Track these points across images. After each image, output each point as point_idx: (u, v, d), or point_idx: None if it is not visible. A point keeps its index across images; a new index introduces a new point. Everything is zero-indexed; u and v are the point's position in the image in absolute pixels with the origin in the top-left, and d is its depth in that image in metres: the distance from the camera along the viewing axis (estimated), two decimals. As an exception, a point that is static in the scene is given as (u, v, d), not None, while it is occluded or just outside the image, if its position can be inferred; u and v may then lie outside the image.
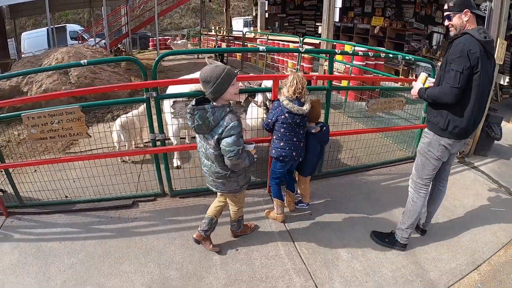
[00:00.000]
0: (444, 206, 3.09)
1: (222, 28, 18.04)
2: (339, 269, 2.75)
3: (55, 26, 16.46)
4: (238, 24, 22.21)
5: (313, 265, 2.78)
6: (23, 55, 14.21)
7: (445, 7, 2.47)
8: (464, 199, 3.77)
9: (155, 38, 17.23)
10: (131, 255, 2.91)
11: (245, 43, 11.74)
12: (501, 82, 7.54)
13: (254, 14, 19.24)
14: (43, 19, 20.32)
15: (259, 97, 3.59)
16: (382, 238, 3.01)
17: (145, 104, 3.40)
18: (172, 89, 3.96)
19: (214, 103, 2.25)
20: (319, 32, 8.50)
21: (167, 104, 3.65)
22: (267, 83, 3.87)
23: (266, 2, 14.85)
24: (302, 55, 8.30)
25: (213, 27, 19.44)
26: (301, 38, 8.35)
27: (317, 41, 8.55)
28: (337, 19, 8.21)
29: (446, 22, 2.49)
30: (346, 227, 3.24)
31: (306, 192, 3.39)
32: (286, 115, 2.86)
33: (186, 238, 3.00)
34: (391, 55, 5.12)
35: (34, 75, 7.42)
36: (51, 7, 12.64)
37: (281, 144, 2.96)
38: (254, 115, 3.66)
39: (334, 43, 8.11)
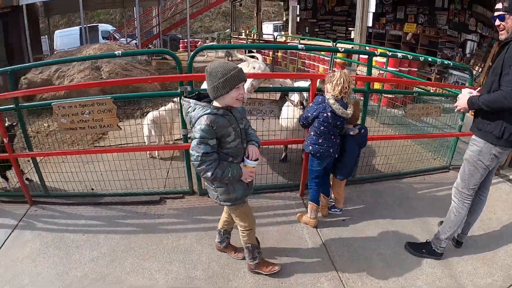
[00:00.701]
0: (479, 218, 2.90)
1: (252, 32, 18.02)
2: (372, 279, 2.56)
3: (88, 25, 16.87)
4: (268, 29, 22.19)
5: (345, 273, 2.60)
6: (55, 52, 14.61)
7: (499, 6, 2.27)
8: (499, 212, 3.51)
9: (185, 40, 17.38)
10: (156, 252, 2.80)
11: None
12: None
13: (284, 19, 19.21)
14: (76, 19, 20.97)
15: (295, 97, 3.44)
16: (418, 249, 2.84)
17: (178, 98, 3.31)
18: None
19: (203, 102, 2.00)
20: (352, 37, 8.31)
21: None
22: (300, 84, 3.75)
23: (298, 6, 14.70)
24: (334, 60, 8.10)
25: (243, 31, 19.44)
26: (334, 43, 8.17)
27: (349, 46, 8.35)
28: (370, 23, 8.02)
29: (497, 22, 2.29)
30: (380, 235, 3.04)
31: (341, 196, 3.20)
32: (329, 114, 2.69)
33: (214, 238, 2.85)
34: (430, 59, 4.89)
35: (66, 69, 7.58)
36: (84, 6, 12.98)
37: (320, 141, 2.80)
38: (290, 115, 3.50)
39: (367, 48, 7.89)
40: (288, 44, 12.24)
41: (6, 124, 3.54)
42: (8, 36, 9.92)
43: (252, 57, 3.70)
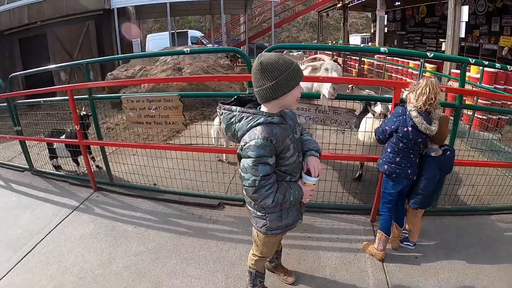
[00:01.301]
0: None
1: (338, 43, 17.60)
2: None
3: (178, 31, 18.06)
4: (355, 40, 21.42)
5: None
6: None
7: None
8: None
9: None
10: (201, 259, 2.65)
11: (363, 59, 11.30)
12: None
13: (372, 31, 18.45)
14: (168, 24, 22.57)
15: (377, 107, 3.05)
16: None
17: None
18: None
19: (249, 109, 1.60)
20: (442, 49, 7.52)
21: None
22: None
23: (385, 16, 13.90)
24: (423, 73, 7.39)
25: (329, 42, 19.15)
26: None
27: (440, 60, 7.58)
28: (462, 34, 7.19)
29: None
30: (455, 282, 2.49)
31: (416, 228, 2.70)
32: (410, 128, 2.29)
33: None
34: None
35: (149, 68, 8.12)
36: (173, 12, 13.85)
37: (397, 159, 2.39)
38: (368, 127, 3.09)
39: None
40: (375, 56, 11.60)
41: (82, 113, 3.76)
42: (100, 37, 10.99)
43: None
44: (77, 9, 10.48)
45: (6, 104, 4.16)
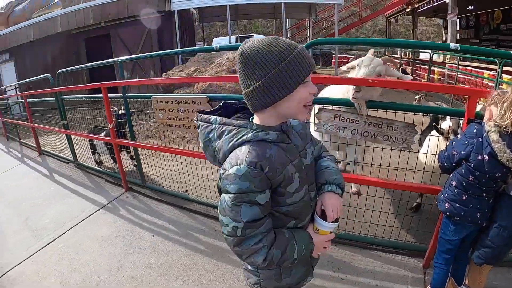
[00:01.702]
0: None
1: (407, 51, 16.67)
2: None
3: (243, 35, 18.52)
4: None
5: None
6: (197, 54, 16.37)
7: None
8: None
9: (339, 55, 17.28)
10: (210, 285, 2.32)
11: (432, 68, 10.63)
12: None
13: (443, 39, 17.11)
14: (235, 29, 23.10)
15: (445, 123, 2.45)
16: None
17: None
18: (326, 93, 3.05)
19: (237, 120, 1.06)
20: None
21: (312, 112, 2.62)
22: None
23: (457, 21, 12.65)
24: (500, 85, 6.35)
25: (398, 50, 18.26)
26: (500, 65, 6.45)
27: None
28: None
29: None
30: None
31: (478, 286, 2.05)
32: (486, 157, 1.65)
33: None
34: None
35: (204, 70, 8.21)
36: (235, 15, 13.95)
37: (463, 197, 1.78)
38: (432, 148, 2.47)
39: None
40: (446, 65, 10.53)
41: (120, 112, 3.71)
42: (161, 39, 11.38)
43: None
44: (138, 11, 10.97)
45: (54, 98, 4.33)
